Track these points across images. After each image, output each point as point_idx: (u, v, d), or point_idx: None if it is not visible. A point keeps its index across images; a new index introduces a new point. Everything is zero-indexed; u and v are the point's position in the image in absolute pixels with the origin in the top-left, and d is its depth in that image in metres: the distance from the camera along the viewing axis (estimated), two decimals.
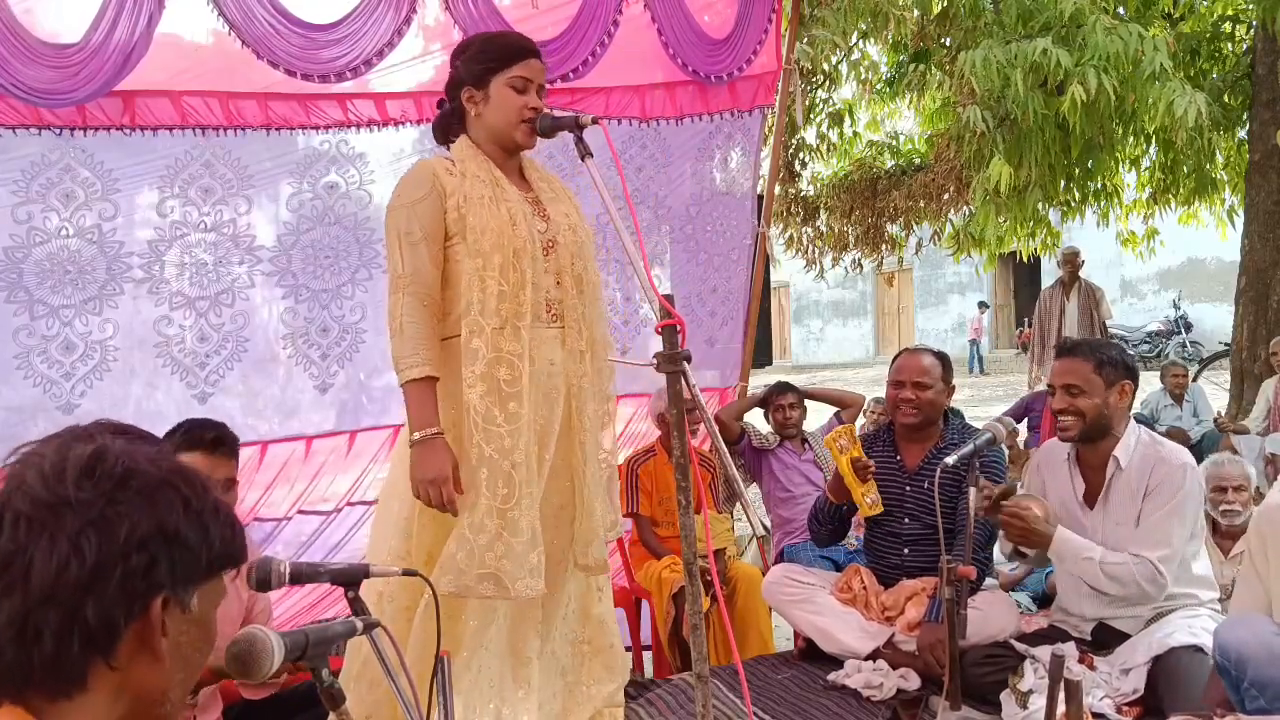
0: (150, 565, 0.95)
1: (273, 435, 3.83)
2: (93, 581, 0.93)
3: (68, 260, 3.38)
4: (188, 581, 1.00)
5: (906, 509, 3.49)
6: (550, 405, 2.59)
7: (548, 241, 2.58)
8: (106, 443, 0.99)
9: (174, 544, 0.97)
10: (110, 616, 0.94)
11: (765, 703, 3.15)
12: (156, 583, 0.96)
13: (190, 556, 0.99)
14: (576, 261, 2.59)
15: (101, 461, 0.96)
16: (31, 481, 0.95)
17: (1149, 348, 18.09)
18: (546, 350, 2.57)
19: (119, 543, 0.94)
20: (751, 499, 4.76)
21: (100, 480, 0.95)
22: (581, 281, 2.60)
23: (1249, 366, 7.87)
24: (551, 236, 2.58)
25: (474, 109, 2.59)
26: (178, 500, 0.99)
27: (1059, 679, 1.98)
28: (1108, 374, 2.98)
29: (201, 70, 3.47)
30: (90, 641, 0.94)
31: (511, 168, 2.65)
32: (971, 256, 9.77)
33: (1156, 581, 2.86)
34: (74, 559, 0.92)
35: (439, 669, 1.85)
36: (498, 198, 2.51)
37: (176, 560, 0.98)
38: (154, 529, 0.96)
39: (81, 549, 0.92)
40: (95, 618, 0.93)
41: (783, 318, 28.94)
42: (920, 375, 3.48)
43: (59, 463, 0.96)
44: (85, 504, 0.94)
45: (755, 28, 4.23)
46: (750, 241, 4.65)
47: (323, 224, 3.77)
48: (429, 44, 3.80)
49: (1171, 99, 5.86)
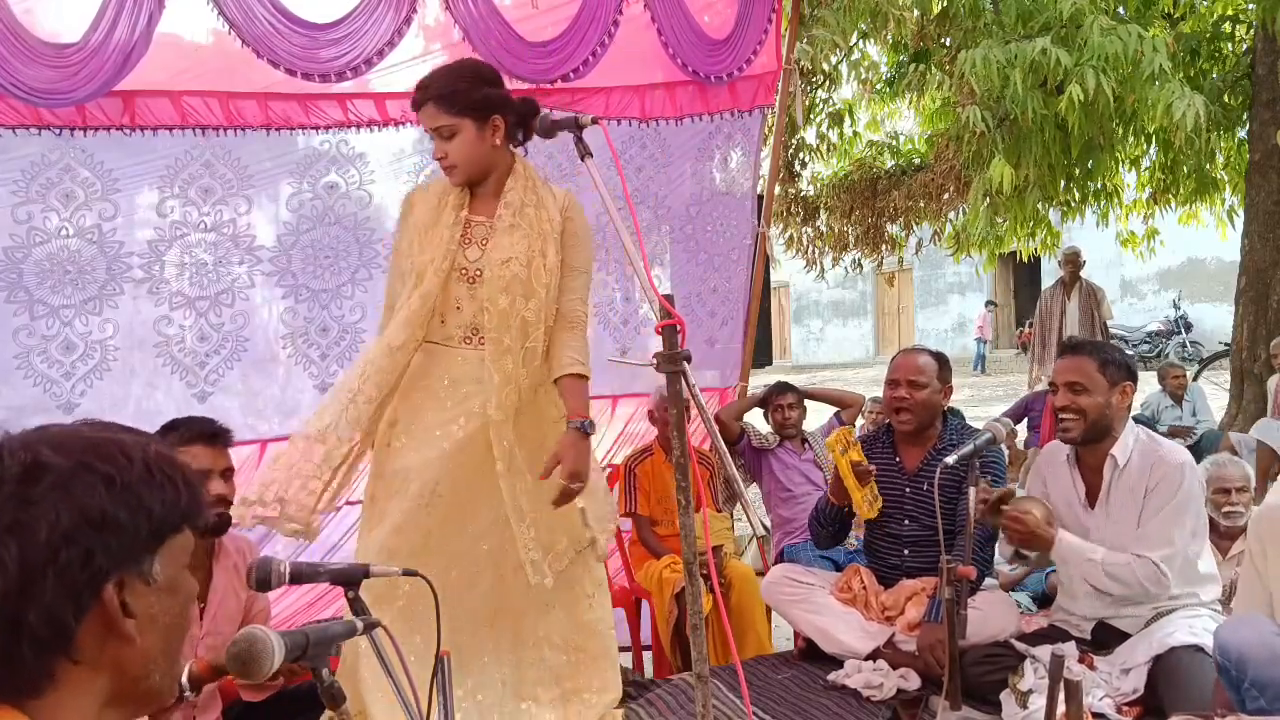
0: (85, 556, 0.90)
1: (272, 434, 3.83)
2: (25, 588, 0.88)
3: (68, 260, 3.38)
4: (136, 557, 0.94)
5: (906, 510, 3.49)
6: (463, 422, 2.70)
7: (474, 271, 2.69)
8: (5, 440, 0.93)
9: (105, 528, 0.92)
10: (56, 617, 0.90)
11: (765, 703, 3.15)
12: (99, 570, 0.91)
13: (128, 534, 0.93)
14: (502, 297, 2.66)
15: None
16: None
17: (1149, 348, 18.08)
18: (459, 369, 2.71)
19: (41, 544, 0.89)
20: (751, 499, 4.76)
21: (4, 482, 0.90)
22: (508, 316, 2.66)
23: (1249, 366, 7.87)
24: (480, 267, 2.68)
25: None
26: (97, 481, 0.92)
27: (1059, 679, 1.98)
28: (1111, 374, 2.98)
29: (201, 70, 3.47)
30: (42, 645, 0.90)
31: (484, 191, 2.75)
32: (971, 256, 9.77)
33: (1160, 581, 2.87)
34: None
35: (439, 669, 1.85)
36: (439, 222, 2.69)
37: (112, 543, 0.92)
38: (77, 519, 0.90)
39: (2, 560, 0.87)
40: (40, 622, 0.89)
41: (783, 318, 28.94)
42: (915, 374, 3.47)
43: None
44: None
45: (755, 28, 4.23)
46: (750, 241, 4.64)
47: (323, 224, 3.77)
48: (429, 44, 3.79)
49: (1170, 101, 5.86)
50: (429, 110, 2.64)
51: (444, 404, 2.72)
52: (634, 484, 4.10)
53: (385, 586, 2.61)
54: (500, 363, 2.67)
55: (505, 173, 2.75)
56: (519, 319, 2.68)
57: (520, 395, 2.71)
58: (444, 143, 2.65)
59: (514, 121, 2.72)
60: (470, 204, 2.75)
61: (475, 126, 2.64)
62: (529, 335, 2.70)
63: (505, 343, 2.67)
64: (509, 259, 2.67)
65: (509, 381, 2.67)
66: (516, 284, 2.67)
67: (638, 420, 4.58)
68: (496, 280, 2.67)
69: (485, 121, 2.65)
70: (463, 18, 3.60)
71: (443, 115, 2.62)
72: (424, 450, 2.70)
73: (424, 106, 2.64)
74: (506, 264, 2.67)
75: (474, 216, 2.73)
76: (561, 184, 4.20)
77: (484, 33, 3.63)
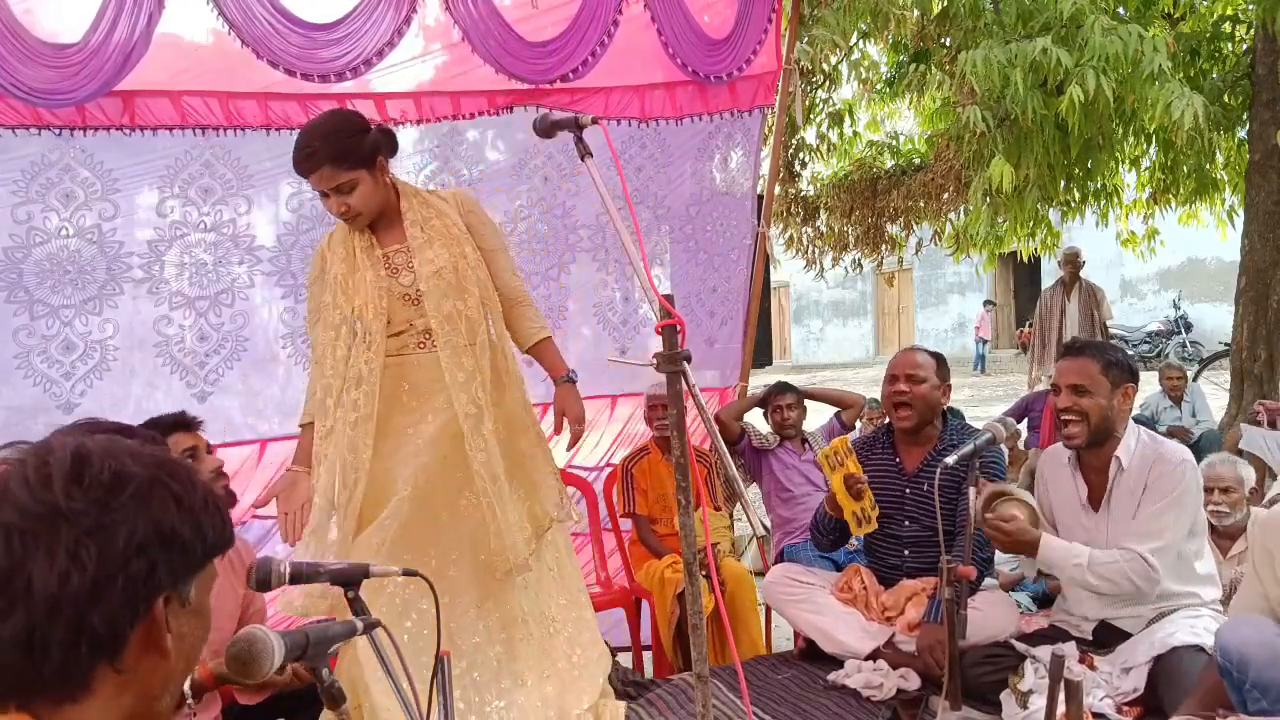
0: (150, 568, 0.94)
1: (272, 434, 3.83)
2: (95, 592, 0.91)
3: (68, 260, 3.39)
4: (185, 577, 0.99)
5: (906, 511, 3.49)
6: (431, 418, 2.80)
7: (414, 293, 2.82)
8: (87, 443, 0.96)
9: (171, 544, 0.96)
10: (116, 623, 0.93)
11: (765, 703, 3.15)
12: (158, 584, 0.95)
13: (186, 553, 0.98)
14: (444, 303, 2.81)
15: (88, 466, 0.94)
16: (17, 491, 0.92)
17: (1149, 348, 18.08)
18: (417, 374, 2.82)
19: (118, 551, 0.92)
20: (751, 499, 4.76)
21: (90, 487, 0.93)
22: (454, 319, 2.81)
23: (1249, 366, 7.86)
24: (417, 288, 2.82)
25: None
26: (170, 499, 0.97)
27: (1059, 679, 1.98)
28: (1114, 375, 2.98)
29: (201, 70, 3.47)
30: (99, 647, 0.93)
31: (384, 224, 2.86)
32: (971, 256, 9.76)
33: (1149, 576, 2.86)
34: (74, 571, 0.90)
35: (439, 669, 1.85)
36: (361, 265, 2.81)
37: (175, 559, 0.96)
38: (151, 532, 0.94)
39: (81, 560, 0.91)
40: (101, 626, 0.92)
41: (783, 318, 28.94)
42: (913, 368, 3.47)
43: (42, 469, 0.93)
44: (79, 513, 0.91)
45: (755, 28, 4.23)
46: (750, 241, 4.64)
47: (323, 224, 3.76)
48: (429, 44, 3.80)
49: (1169, 101, 5.85)
50: (326, 173, 2.70)
51: (408, 406, 2.83)
52: (631, 484, 4.10)
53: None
54: (459, 361, 2.81)
55: (396, 199, 2.87)
56: (464, 319, 2.83)
57: (486, 390, 2.83)
58: (344, 197, 2.74)
59: (391, 153, 2.86)
60: (378, 239, 2.86)
61: (369, 174, 2.76)
62: (476, 331, 2.84)
63: (458, 342, 2.82)
64: (439, 269, 2.82)
65: (473, 377, 2.80)
66: (451, 289, 2.83)
67: (637, 420, 4.58)
68: (434, 291, 2.81)
69: (374, 166, 2.77)
70: (462, 18, 3.60)
71: (342, 173, 2.71)
72: (399, 450, 2.80)
73: (320, 170, 2.69)
74: (439, 274, 2.82)
75: (387, 249, 2.85)
76: (561, 184, 4.22)
77: (483, 33, 3.63)
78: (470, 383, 2.80)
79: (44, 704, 0.93)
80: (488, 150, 4.19)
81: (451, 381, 2.79)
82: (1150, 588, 2.89)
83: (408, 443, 2.81)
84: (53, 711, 0.93)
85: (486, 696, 2.76)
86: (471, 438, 2.78)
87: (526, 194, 4.17)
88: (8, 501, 0.92)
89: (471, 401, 2.79)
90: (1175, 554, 2.92)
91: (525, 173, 4.16)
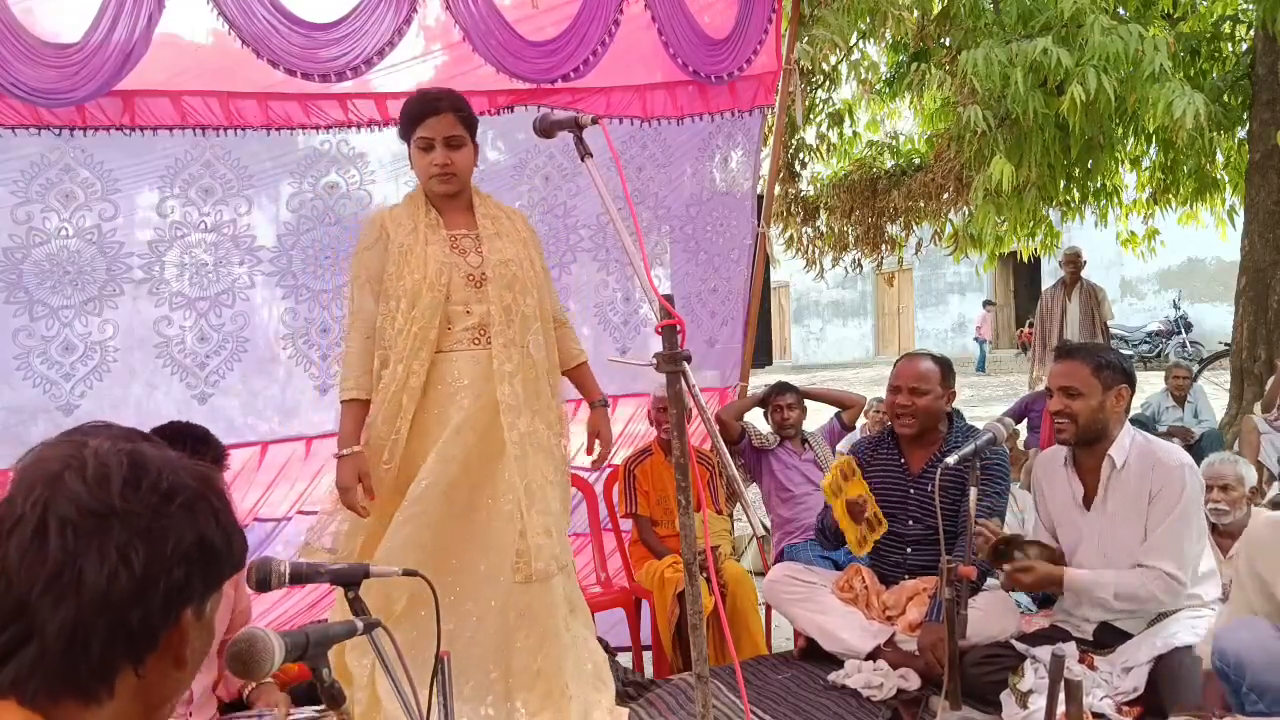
0: (187, 577, 0.98)
1: (273, 435, 3.83)
2: (140, 592, 0.94)
3: (67, 261, 3.38)
4: (210, 591, 1.02)
5: (910, 511, 3.49)
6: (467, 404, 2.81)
7: (479, 275, 2.86)
8: (142, 449, 1.00)
9: (208, 556, 1.00)
10: (152, 626, 0.96)
11: (765, 703, 3.15)
12: (190, 593, 0.99)
13: (218, 566, 1.02)
14: (505, 294, 2.85)
15: (145, 472, 0.97)
16: (74, 487, 0.94)
17: (1149, 348, 18.07)
18: (470, 369, 2.83)
19: (165, 555, 0.96)
20: (751, 499, 4.76)
21: (146, 492, 0.96)
22: (511, 312, 2.85)
23: (1249, 366, 7.86)
24: (483, 270, 2.86)
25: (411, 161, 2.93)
26: (210, 513, 1.01)
27: (1059, 679, 1.98)
28: (1105, 377, 2.98)
29: (201, 70, 3.47)
30: (134, 648, 0.95)
31: (457, 206, 2.92)
32: (970, 257, 9.76)
33: (1173, 590, 2.88)
34: (123, 570, 0.93)
35: (439, 669, 1.85)
36: (427, 240, 2.83)
37: (208, 571, 1.00)
38: (194, 542, 0.98)
39: (130, 560, 0.93)
40: (139, 627, 0.95)
41: (783, 318, 28.94)
42: (917, 380, 3.48)
43: (101, 469, 0.96)
44: (133, 515, 0.95)
45: (755, 28, 4.23)
46: (750, 241, 4.64)
47: (323, 224, 3.77)
48: (429, 44, 3.79)
49: (1170, 100, 5.85)
50: (448, 119, 2.81)
51: (454, 396, 2.84)
52: (633, 485, 4.10)
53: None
54: (508, 353, 2.84)
55: (471, 191, 2.97)
56: (519, 314, 2.88)
57: (525, 387, 2.85)
58: (450, 151, 2.81)
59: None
60: (445, 221, 2.90)
61: (473, 147, 2.90)
62: (528, 329, 2.88)
63: (510, 335, 2.85)
64: (507, 260, 2.88)
65: (518, 371, 2.84)
66: (516, 282, 2.88)
67: (638, 420, 4.58)
68: (499, 279, 2.86)
69: (475, 145, 2.91)
70: (463, 17, 3.60)
71: (458, 126, 2.83)
72: (431, 440, 2.82)
73: (444, 115, 2.79)
74: (505, 264, 2.87)
75: (454, 231, 2.89)
76: (561, 184, 4.23)
77: (484, 32, 3.63)
78: (514, 377, 2.84)
79: (70, 703, 0.95)
80: (488, 150, 4.18)
81: (498, 370, 2.82)
82: (1176, 600, 2.91)
83: (441, 430, 2.81)
84: (74, 713, 0.95)
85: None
86: (509, 430, 2.80)
87: (527, 194, 4.16)
88: (64, 496, 0.94)
89: (512, 393, 2.82)
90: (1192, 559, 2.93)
91: (526, 173, 4.16)
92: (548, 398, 2.95)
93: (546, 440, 2.91)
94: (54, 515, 0.93)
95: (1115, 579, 2.92)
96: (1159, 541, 2.90)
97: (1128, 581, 2.91)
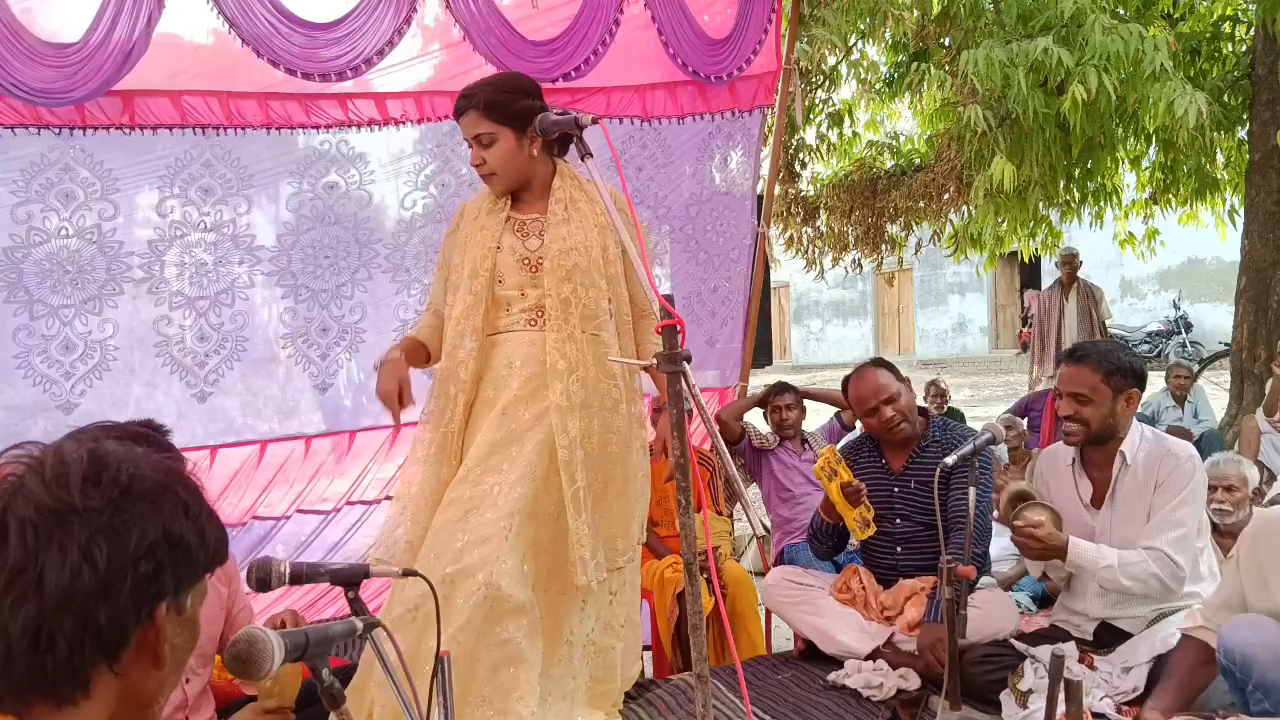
0: (156, 572, 0.96)
1: (272, 435, 3.83)
2: (105, 589, 0.93)
3: (67, 260, 3.38)
4: (186, 585, 1.01)
5: (897, 509, 3.50)
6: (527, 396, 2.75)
7: (536, 259, 2.78)
8: (104, 446, 0.98)
9: (178, 550, 0.98)
10: (121, 623, 0.95)
11: (765, 703, 3.15)
12: (162, 588, 0.97)
13: (191, 560, 1.00)
14: (564, 285, 2.75)
15: (105, 468, 0.96)
16: (33, 487, 0.94)
17: (1149, 348, 18.05)
18: (525, 351, 2.77)
19: (129, 551, 0.94)
20: (751, 499, 4.76)
21: (106, 487, 0.95)
22: (569, 304, 2.76)
23: (1249, 366, 7.85)
24: (540, 256, 2.78)
25: None
26: (179, 505, 0.99)
27: (1059, 679, 1.98)
28: (1116, 382, 2.97)
29: (201, 70, 3.47)
30: (103, 647, 0.94)
31: (533, 196, 2.85)
32: (969, 257, 9.76)
33: (1175, 575, 2.87)
34: (86, 567, 0.92)
35: (439, 669, 1.85)
36: (483, 226, 2.80)
37: (180, 565, 0.99)
38: (160, 536, 0.97)
39: (93, 557, 0.93)
40: (108, 624, 0.94)
41: (783, 318, 28.92)
42: (884, 390, 3.50)
43: (60, 468, 0.95)
44: (93, 512, 0.94)
45: (755, 28, 4.23)
46: (750, 241, 4.64)
47: (323, 224, 3.77)
48: (429, 44, 3.79)
49: (1172, 99, 5.85)
50: (470, 118, 2.74)
51: (510, 384, 2.77)
52: None
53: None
54: (564, 349, 2.74)
55: (549, 177, 2.85)
56: (580, 307, 2.77)
57: (585, 387, 2.75)
58: (482, 149, 2.75)
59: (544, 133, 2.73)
60: (515, 208, 2.84)
61: (515, 136, 2.74)
62: (590, 323, 2.78)
63: (568, 329, 2.75)
64: (569, 249, 2.77)
65: (573, 370, 2.74)
66: (577, 273, 2.77)
67: None
68: (557, 269, 2.76)
69: (524, 132, 2.72)
70: (463, 16, 3.59)
71: (483, 123, 2.72)
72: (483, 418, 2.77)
73: (466, 114, 2.74)
74: (566, 254, 2.77)
75: (524, 216, 2.84)
76: None
77: (484, 30, 3.63)
78: (570, 374, 2.74)
79: (44, 706, 0.94)
80: None
81: (552, 367, 2.74)
82: (1178, 586, 2.90)
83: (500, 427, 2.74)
84: (49, 715, 0.94)
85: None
86: (561, 434, 2.71)
87: None
88: (24, 497, 0.94)
89: (564, 393, 2.72)
90: (1191, 550, 2.92)
91: None
92: (615, 396, 2.83)
93: (608, 444, 2.81)
94: (14, 516, 0.93)
95: (1119, 556, 2.92)
96: (1161, 524, 2.91)
97: (1129, 558, 2.90)
